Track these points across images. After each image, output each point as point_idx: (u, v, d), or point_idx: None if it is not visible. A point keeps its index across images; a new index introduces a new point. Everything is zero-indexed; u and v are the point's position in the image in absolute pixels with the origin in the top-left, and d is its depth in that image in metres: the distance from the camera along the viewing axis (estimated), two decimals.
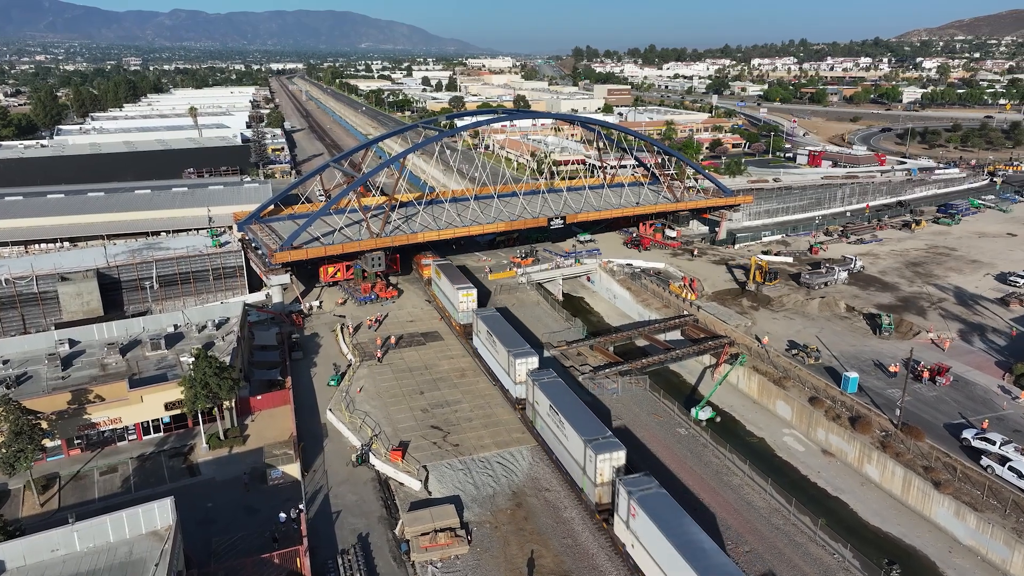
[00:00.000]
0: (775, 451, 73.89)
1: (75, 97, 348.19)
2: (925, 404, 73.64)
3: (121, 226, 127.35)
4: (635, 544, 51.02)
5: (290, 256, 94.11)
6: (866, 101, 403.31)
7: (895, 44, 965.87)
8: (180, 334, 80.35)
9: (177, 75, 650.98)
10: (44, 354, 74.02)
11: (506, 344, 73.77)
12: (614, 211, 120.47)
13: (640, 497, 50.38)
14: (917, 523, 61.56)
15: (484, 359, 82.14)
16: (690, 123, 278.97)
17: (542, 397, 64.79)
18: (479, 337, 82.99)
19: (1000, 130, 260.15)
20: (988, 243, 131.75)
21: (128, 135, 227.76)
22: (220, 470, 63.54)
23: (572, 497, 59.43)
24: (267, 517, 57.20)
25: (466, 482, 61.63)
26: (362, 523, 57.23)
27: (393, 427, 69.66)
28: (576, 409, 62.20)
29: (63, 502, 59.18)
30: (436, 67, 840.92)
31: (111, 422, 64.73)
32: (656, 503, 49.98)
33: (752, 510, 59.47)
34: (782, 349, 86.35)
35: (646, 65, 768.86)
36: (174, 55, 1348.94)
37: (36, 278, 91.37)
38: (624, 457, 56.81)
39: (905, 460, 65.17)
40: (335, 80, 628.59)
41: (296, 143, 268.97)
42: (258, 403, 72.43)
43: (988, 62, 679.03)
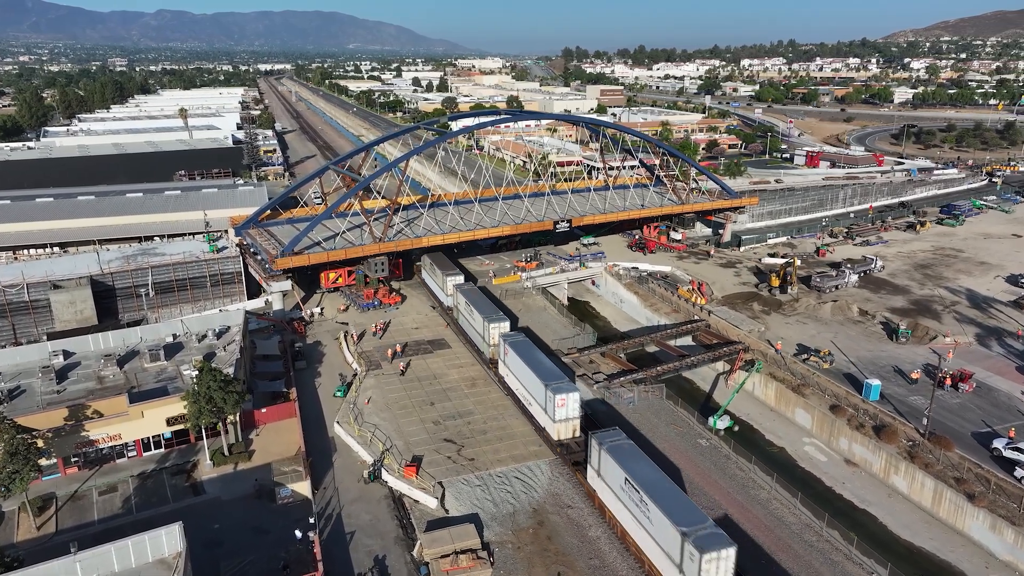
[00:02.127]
0: (797, 461, 71.92)
1: (61, 98, 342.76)
2: (949, 412, 71.89)
3: (113, 231, 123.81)
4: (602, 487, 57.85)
5: (292, 262, 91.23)
6: (858, 101, 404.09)
7: (882, 45, 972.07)
8: (179, 344, 77.33)
9: (164, 76, 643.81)
10: (37, 367, 70.92)
11: (482, 313, 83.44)
12: (620, 214, 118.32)
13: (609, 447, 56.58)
14: (950, 537, 59.67)
15: (465, 330, 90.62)
16: (685, 124, 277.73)
17: (511, 353, 74.15)
18: (459, 310, 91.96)
19: (995, 130, 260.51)
20: (994, 244, 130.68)
21: (117, 137, 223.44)
22: (225, 488, 60.68)
23: (596, 515, 57.01)
24: (277, 538, 54.46)
25: (484, 499, 59.11)
26: (378, 544, 54.60)
27: (405, 441, 67.00)
28: (540, 360, 71.21)
29: (61, 524, 56.16)
30: (425, 67, 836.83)
31: (110, 439, 61.70)
32: (618, 446, 56.67)
33: (783, 526, 57.28)
34: (792, 354, 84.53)
35: (636, 66, 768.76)
36: (160, 56, 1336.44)
37: (27, 286, 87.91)
38: (578, 398, 65.83)
39: (935, 471, 63.28)
40: (324, 81, 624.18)
41: (288, 144, 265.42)
42: (263, 416, 69.57)
43: (975, 63, 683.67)
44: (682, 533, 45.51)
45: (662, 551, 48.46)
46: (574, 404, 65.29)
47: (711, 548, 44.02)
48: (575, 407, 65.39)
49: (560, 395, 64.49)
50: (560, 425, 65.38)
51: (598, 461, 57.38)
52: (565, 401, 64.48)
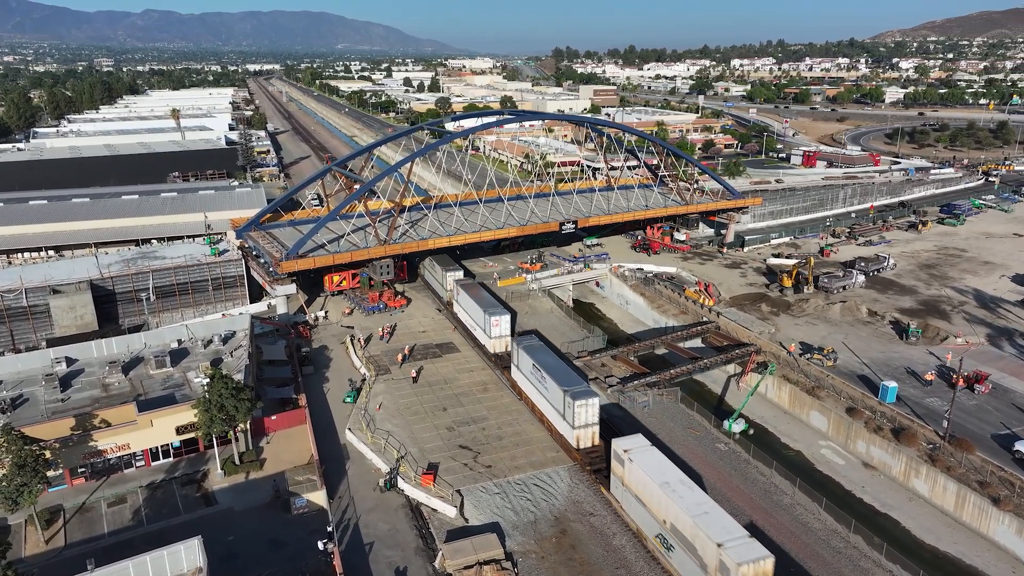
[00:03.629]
0: (814, 464, 71.21)
1: (49, 99, 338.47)
2: (966, 413, 71.33)
3: (109, 233, 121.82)
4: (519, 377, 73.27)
5: (297, 265, 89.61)
6: (849, 101, 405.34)
7: (870, 45, 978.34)
8: (185, 350, 75.73)
9: (152, 76, 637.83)
10: (40, 374, 69.21)
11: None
12: (625, 215, 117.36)
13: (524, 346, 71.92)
14: (975, 541, 59.06)
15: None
16: (680, 124, 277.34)
17: (464, 296, 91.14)
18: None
19: (987, 130, 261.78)
20: (997, 244, 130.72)
21: (108, 138, 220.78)
22: (238, 498, 59.19)
23: (619, 523, 55.93)
24: (294, 551, 53.08)
25: (504, 507, 57.93)
26: (398, 555, 53.30)
27: (419, 448, 65.71)
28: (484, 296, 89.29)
29: (69, 538, 54.53)
30: (416, 68, 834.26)
31: (119, 448, 60.10)
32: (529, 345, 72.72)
33: (809, 533, 56.45)
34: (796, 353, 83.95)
35: (627, 66, 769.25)
36: (147, 56, 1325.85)
37: (25, 291, 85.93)
38: (509, 321, 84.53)
39: (957, 474, 62.68)
40: (315, 81, 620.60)
41: (281, 145, 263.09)
42: (273, 423, 68.07)
43: (963, 63, 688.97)
44: (564, 391, 64.32)
45: (553, 407, 67.24)
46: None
47: (581, 397, 63.37)
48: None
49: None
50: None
51: (516, 358, 75.22)
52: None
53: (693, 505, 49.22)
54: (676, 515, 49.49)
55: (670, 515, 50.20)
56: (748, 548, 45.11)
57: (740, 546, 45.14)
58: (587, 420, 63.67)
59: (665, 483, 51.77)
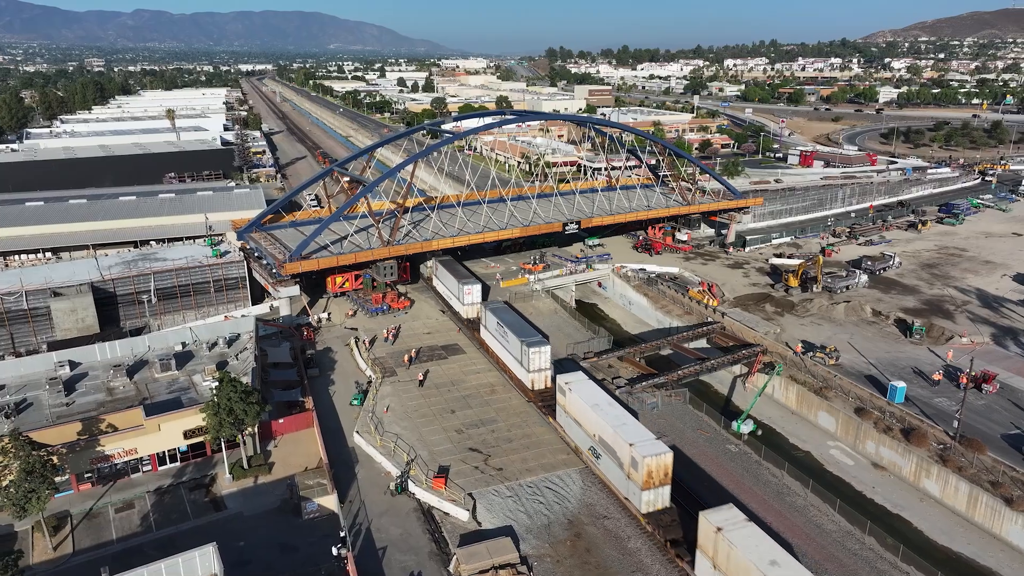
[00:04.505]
0: (824, 465, 70.87)
1: (41, 99, 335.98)
2: (976, 413, 71.22)
3: (107, 235, 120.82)
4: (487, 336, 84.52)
5: (301, 267, 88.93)
6: (843, 101, 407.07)
7: (862, 45, 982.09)
8: (189, 353, 75.01)
9: (144, 76, 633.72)
10: (43, 378, 68.35)
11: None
12: (628, 215, 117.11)
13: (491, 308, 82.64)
14: (988, 542, 58.93)
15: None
16: (676, 124, 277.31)
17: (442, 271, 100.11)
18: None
19: (982, 129, 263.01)
20: (997, 243, 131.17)
21: (102, 138, 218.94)
22: (247, 503, 58.57)
23: (634, 525, 55.60)
24: (307, 555, 52.52)
25: (517, 511, 57.49)
26: (412, 560, 52.79)
27: (429, 450, 65.20)
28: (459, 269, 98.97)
29: (78, 544, 53.79)
30: (409, 68, 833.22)
31: (126, 453, 59.38)
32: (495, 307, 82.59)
33: (824, 534, 56.27)
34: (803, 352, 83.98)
35: (620, 66, 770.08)
36: (138, 56, 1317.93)
37: (25, 293, 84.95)
38: (480, 290, 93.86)
39: (969, 475, 62.54)
40: (308, 81, 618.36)
41: (276, 146, 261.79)
42: (280, 427, 67.47)
43: (954, 63, 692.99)
44: (521, 341, 75.08)
45: (512, 357, 78.31)
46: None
47: (535, 346, 74.75)
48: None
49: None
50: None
51: (484, 319, 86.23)
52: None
53: (614, 419, 59.89)
54: (603, 428, 59.82)
55: (598, 429, 60.55)
56: (653, 446, 56.18)
57: (646, 444, 56.18)
58: (540, 365, 75.20)
59: (596, 405, 62.10)
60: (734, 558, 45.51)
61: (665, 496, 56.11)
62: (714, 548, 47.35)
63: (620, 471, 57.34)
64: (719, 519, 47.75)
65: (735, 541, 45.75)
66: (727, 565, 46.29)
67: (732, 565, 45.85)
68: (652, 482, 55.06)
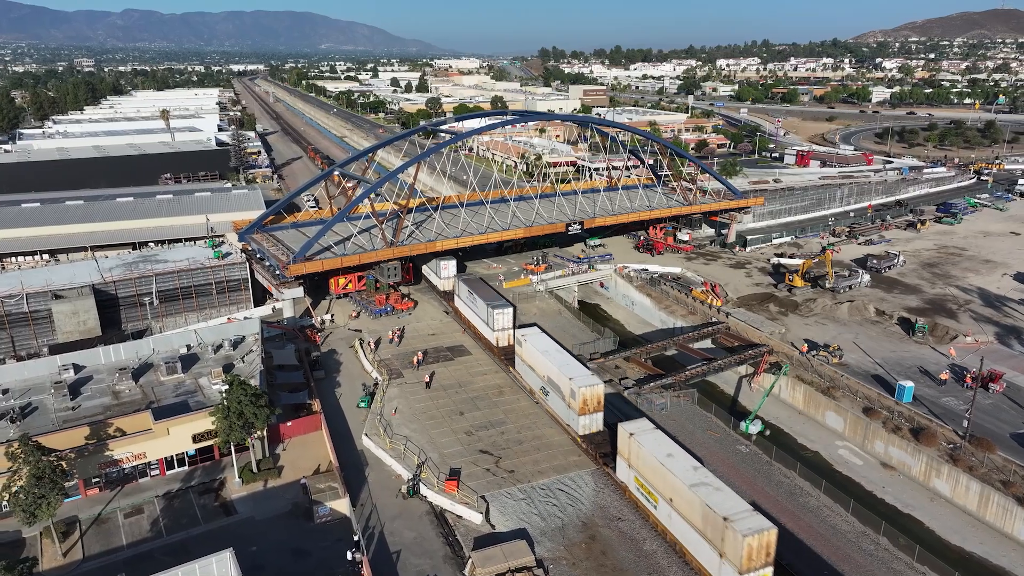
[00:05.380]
0: (833, 465, 70.94)
1: (32, 99, 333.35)
2: (983, 412, 71.32)
3: (105, 237, 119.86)
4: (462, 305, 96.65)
5: (305, 268, 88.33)
6: (837, 101, 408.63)
7: (853, 45, 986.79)
8: (195, 355, 74.34)
9: (136, 76, 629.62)
10: (47, 382, 67.54)
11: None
12: (631, 215, 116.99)
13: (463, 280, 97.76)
14: (1000, 541, 59.05)
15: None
16: (672, 123, 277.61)
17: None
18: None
19: (976, 129, 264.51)
20: (995, 242, 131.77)
21: (96, 139, 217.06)
22: (258, 507, 58.03)
23: (648, 528, 55.36)
24: (320, 560, 52.08)
25: (530, 513, 57.16)
26: (427, 564, 52.37)
27: (439, 453, 64.79)
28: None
29: (87, 550, 53.16)
30: (402, 68, 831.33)
31: (135, 458, 58.70)
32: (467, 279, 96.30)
33: (838, 534, 56.22)
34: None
35: (613, 66, 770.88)
36: (128, 56, 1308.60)
37: (26, 296, 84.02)
38: (455, 265, 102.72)
39: (979, 474, 62.67)
40: (301, 82, 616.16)
41: (271, 146, 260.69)
42: (288, 430, 66.94)
43: (944, 62, 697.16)
44: (487, 304, 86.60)
45: (480, 319, 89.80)
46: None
47: (498, 308, 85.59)
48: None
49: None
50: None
51: (457, 290, 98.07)
52: None
53: (559, 361, 70.54)
54: (550, 369, 70.59)
55: (547, 371, 71.28)
56: (588, 379, 67.11)
57: (583, 378, 66.98)
58: (504, 325, 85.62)
59: (545, 351, 72.89)
60: (642, 455, 56.61)
61: (598, 421, 67.07)
62: (628, 450, 58.65)
63: (563, 402, 68.53)
64: (632, 427, 59.10)
65: (643, 442, 56.73)
66: (637, 461, 57.53)
67: (640, 460, 57.02)
68: (587, 408, 66.15)
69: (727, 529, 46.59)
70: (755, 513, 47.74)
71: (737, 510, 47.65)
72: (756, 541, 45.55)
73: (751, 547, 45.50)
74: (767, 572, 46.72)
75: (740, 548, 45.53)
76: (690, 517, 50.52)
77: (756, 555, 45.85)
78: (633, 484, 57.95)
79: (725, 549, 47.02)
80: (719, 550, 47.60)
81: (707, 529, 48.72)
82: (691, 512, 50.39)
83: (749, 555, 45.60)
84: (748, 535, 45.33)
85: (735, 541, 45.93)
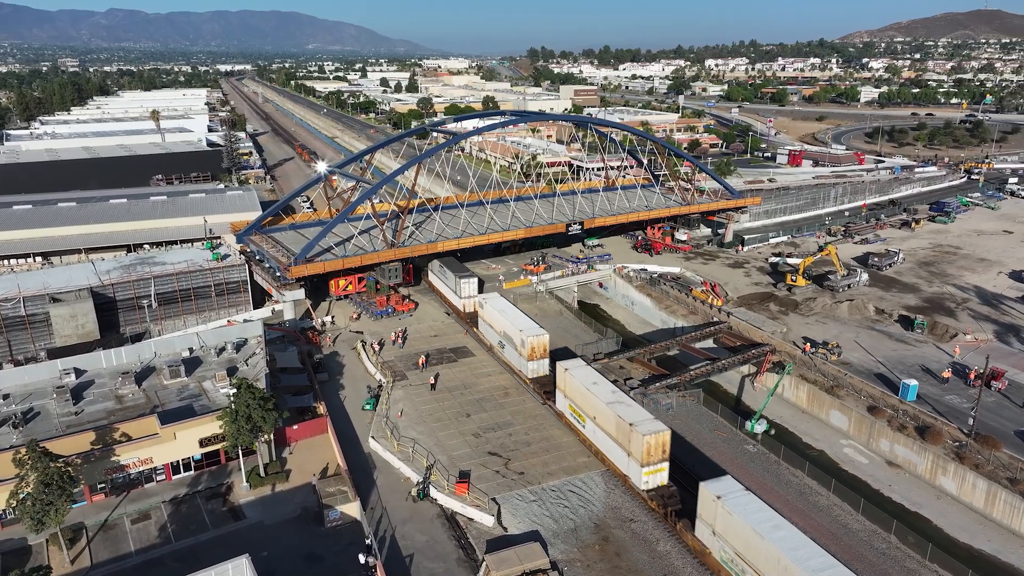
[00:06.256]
0: (839, 464, 71.22)
1: (18, 100, 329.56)
2: (987, 410, 71.76)
3: (99, 239, 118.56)
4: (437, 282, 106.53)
5: (307, 270, 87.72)
6: (825, 101, 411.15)
7: (839, 45, 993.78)
8: (197, 359, 73.54)
9: (122, 77, 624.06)
10: (49, 386, 66.55)
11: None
12: (630, 215, 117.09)
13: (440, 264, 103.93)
14: (1008, 538, 59.42)
15: None
16: (664, 124, 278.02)
17: None
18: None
19: (964, 128, 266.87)
20: (989, 241, 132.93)
21: (86, 140, 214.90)
22: (267, 512, 57.44)
23: (662, 528, 55.26)
24: (333, 564, 51.61)
25: (542, 515, 56.91)
26: (440, 567, 52.03)
27: (448, 455, 64.42)
28: None
29: (95, 557, 52.39)
30: (390, 68, 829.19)
31: (141, 463, 57.96)
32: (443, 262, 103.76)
33: (850, 534, 56.37)
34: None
35: (602, 66, 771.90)
36: (113, 56, 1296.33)
37: (23, 299, 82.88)
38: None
39: (986, 472, 63.04)
40: (290, 82, 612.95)
41: (263, 147, 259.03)
42: (294, 433, 66.35)
43: (930, 63, 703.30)
44: (455, 274, 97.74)
45: (450, 289, 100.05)
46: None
47: (465, 278, 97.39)
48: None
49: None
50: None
51: (431, 267, 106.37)
52: None
53: (512, 318, 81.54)
54: (506, 326, 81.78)
55: (504, 327, 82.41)
56: (536, 331, 78.42)
57: (531, 330, 78.39)
58: (470, 292, 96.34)
59: (502, 311, 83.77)
60: (573, 385, 67.46)
61: (545, 366, 77.92)
62: (564, 382, 69.12)
63: (516, 352, 79.77)
64: (567, 364, 69.90)
65: (574, 375, 68.02)
66: (570, 391, 68.16)
67: (572, 390, 68.07)
68: (535, 355, 77.53)
69: (632, 432, 58.36)
70: (655, 420, 59.55)
71: (641, 419, 59.42)
72: (654, 440, 57.41)
73: (649, 444, 57.40)
74: (663, 466, 58.60)
75: (641, 446, 57.34)
76: (607, 428, 62.02)
77: (654, 451, 57.83)
78: (568, 411, 68.89)
79: (631, 449, 58.82)
80: (627, 450, 59.25)
81: (619, 436, 60.26)
82: (608, 424, 61.93)
83: (648, 451, 57.47)
84: (647, 435, 57.10)
85: (638, 441, 57.68)
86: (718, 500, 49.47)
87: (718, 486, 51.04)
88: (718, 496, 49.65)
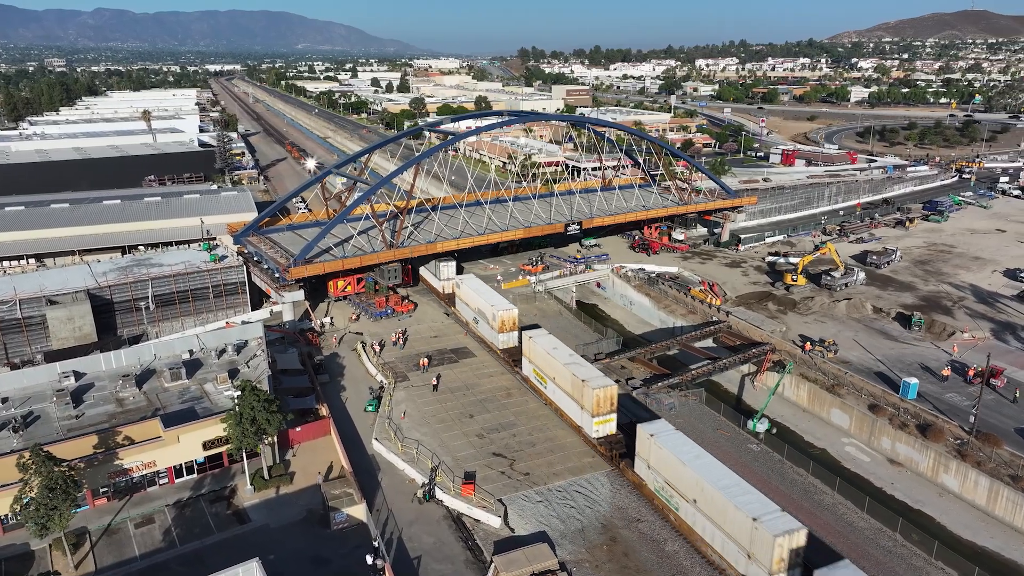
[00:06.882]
0: (841, 462, 71.52)
1: (6, 100, 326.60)
2: (986, 408, 72.17)
3: (93, 240, 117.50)
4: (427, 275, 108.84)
5: (306, 271, 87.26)
6: (816, 100, 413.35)
7: (828, 45, 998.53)
8: (198, 361, 73.02)
9: (110, 77, 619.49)
10: (49, 389, 65.91)
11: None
12: (628, 215, 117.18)
13: None
14: (1011, 535, 59.83)
15: None
16: (656, 123, 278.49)
17: None
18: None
19: (954, 128, 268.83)
20: (982, 239, 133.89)
21: (76, 140, 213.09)
22: (272, 515, 57.06)
23: (669, 528, 55.28)
24: (340, 567, 51.32)
25: (549, 516, 56.80)
26: (448, 569, 51.83)
27: (452, 456, 64.20)
28: None
29: (99, 562, 51.86)
30: (381, 68, 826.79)
31: (144, 466, 57.44)
32: None
33: (856, 532, 56.55)
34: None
35: (593, 66, 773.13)
36: (100, 56, 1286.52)
37: (19, 302, 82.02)
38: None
39: (988, 469, 63.45)
40: (280, 82, 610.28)
41: (255, 147, 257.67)
42: (297, 435, 65.95)
43: (918, 63, 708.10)
44: (436, 260, 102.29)
45: (431, 272, 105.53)
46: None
47: (443, 261, 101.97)
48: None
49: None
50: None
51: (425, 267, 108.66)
52: None
53: (485, 296, 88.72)
54: (480, 302, 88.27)
55: (478, 304, 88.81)
56: (506, 305, 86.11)
57: (501, 304, 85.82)
58: (448, 276, 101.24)
59: (476, 290, 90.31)
60: (536, 350, 74.43)
61: (514, 338, 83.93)
62: (529, 349, 76.12)
63: (488, 326, 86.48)
64: (531, 333, 76.70)
65: (537, 342, 74.98)
66: (534, 356, 75.12)
67: (535, 355, 74.64)
68: (504, 328, 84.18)
69: (584, 388, 65.04)
70: (604, 377, 66.12)
71: (592, 376, 66.09)
72: (603, 393, 63.87)
73: (599, 397, 63.83)
74: (611, 417, 64.95)
75: (591, 399, 63.92)
76: (564, 386, 68.49)
77: (603, 403, 64.23)
78: (533, 375, 75.78)
79: (584, 403, 65.48)
80: (580, 404, 65.94)
81: (574, 391, 66.89)
82: (565, 383, 68.41)
83: (598, 403, 64.00)
84: (596, 389, 63.82)
85: (589, 395, 64.27)
86: (651, 437, 57.00)
87: (652, 427, 58.64)
88: (651, 434, 57.23)
